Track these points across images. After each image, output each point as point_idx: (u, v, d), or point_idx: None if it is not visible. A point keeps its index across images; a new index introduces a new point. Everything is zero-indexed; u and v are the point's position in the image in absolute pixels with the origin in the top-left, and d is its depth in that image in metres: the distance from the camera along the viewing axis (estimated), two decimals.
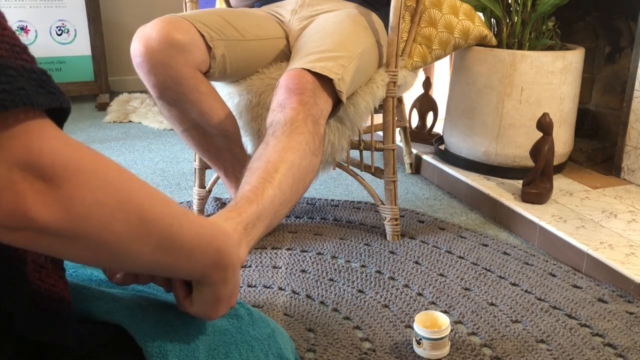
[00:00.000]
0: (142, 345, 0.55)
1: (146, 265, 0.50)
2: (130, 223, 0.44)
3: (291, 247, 1.49)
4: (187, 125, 1.33)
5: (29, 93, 0.39)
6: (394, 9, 1.39)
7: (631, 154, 1.78)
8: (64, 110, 0.44)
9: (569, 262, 1.42)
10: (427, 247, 1.49)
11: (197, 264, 0.54)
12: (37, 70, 0.41)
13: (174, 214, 0.49)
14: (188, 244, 0.51)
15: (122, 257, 0.46)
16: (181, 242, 0.50)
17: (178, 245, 0.50)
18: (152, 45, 1.18)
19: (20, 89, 0.38)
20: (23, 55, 0.41)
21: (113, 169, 0.44)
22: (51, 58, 3.06)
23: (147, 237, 0.46)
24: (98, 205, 0.41)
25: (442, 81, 2.68)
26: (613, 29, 2.08)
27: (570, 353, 1.08)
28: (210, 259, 0.54)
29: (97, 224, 0.42)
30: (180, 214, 0.50)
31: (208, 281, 0.56)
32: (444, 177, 1.93)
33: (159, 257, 0.49)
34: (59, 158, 0.39)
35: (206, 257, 0.54)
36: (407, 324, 1.17)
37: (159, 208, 0.47)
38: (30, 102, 0.39)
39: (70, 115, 0.46)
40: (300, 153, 1.00)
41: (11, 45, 0.40)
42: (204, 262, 0.54)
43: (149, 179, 2.02)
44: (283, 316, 1.19)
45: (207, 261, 0.54)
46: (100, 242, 0.43)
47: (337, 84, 1.16)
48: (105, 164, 0.43)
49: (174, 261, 0.51)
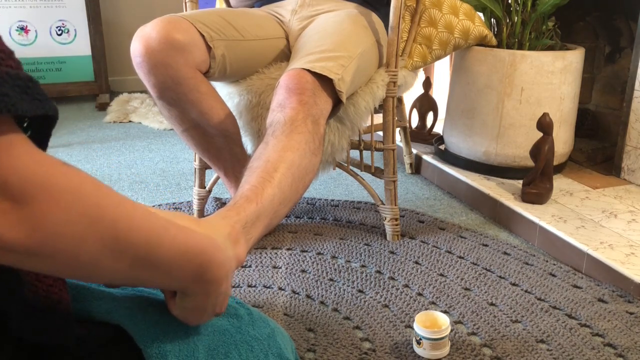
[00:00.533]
0: (141, 345, 0.55)
1: (122, 280, 0.50)
2: (103, 241, 0.43)
3: (291, 247, 1.49)
4: (187, 125, 1.33)
5: (13, 100, 0.38)
6: (394, 9, 1.39)
7: (631, 154, 1.78)
8: (51, 117, 0.43)
9: (569, 262, 1.42)
10: (427, 247, 1.49)
11: (176, 279, 0.53)
12: (23, 76, 0.41)
13: (152, 231, 0.47)
14: (166, 261, 0.49)
15: (97, 273, 0.46)
16: (159, 259, 0.48)
17: (155, 262, 0.48)
18: (152, 45, 1.18)
19: (4, 95, 0.38)
20: (8, 61, 0.40)
21: (88, 186, 0.42)
22: (51, 58, 3.06)
23: (122, 255, 0.45)
24: (69, 224, 0.40)
25: (442, 81, 2.68)
26: (613, 29, 2.08)
27: (570, 353, 1.08)
28: (191, 274, 0.53)
29: (69, 242, 0.41)
30: (160, 230, 0.48)
31: (189, 292, 0.56)
32: (444, 177, 1.93)
33: (136, 273, 0.48)
34: (29, 176, 0.38)
35: (186, 273, 0.52)
36: (407, 324, 1.17)
37: (137, 224, 0.46)
38: (15, 108, 0.38)
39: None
40: (300, 152, 1.00)
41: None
42: (183, 277, 0.53)
43: (149, 179, 2.02)
44: (283, 316, 1.19)
45: (188, 276, 0.53)
46: (72, 259, 0.42)
47: (337, 84, 1.16)
48: (80, 181, 0.42)
49: (152, 277, 0.50)
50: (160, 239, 0.48)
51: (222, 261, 0.56)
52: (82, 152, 2.31)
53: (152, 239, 0.47)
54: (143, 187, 1.93)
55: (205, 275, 0.54)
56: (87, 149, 2.36)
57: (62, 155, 2.26)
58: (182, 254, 0.51)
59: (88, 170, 2.10)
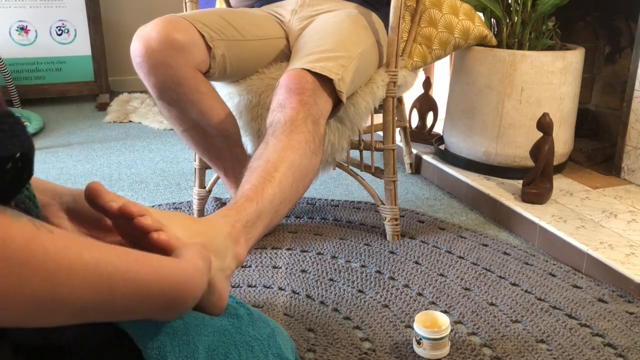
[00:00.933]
0: (141, 346, 0.55)
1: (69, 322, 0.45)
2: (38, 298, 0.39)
3: (291, 247, 1.49)
4: (187, 125, 1.33)
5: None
6: (394, 9, 1.39)
7: (631, 154, 1.78)
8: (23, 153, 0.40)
9: (569, 262, 1.42)
10: (427, 247, 1.49)
11: (137, 315, 0.49)
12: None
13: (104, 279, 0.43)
14: (123, 305, 0.46)
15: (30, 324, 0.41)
16: (112, 307, 0.45)
17: (108, 310, 0.45)
18: (152, 45, 1.18)
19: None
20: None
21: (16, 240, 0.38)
22: (51, 58, 3.06)
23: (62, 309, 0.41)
24: None
25: (442, 81, 2.68)
26: (613, 29, 2.08)
27: (570, 353, 1.08)
28: (155, 308, 0.49)
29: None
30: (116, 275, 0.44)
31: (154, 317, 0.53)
32: (444, 177, 1.93)
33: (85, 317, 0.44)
34: None
35: (149, 308, 0.49)
36: (407, 324, 1.17)
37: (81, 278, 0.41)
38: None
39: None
40: (300, 152, 1.00)
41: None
42: (146, 312, 0.49)
43: (149, 179, 2.02)
44: (283, 316, 1.19)
45: (150, 310, 0.49)
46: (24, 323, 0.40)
47: (337, 84, 1.16)
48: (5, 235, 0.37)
49: (105, 317, 0.47)
50: (113, 285, 0.43)
51: (193, 289, 0.53)
52: (82, 152, 2.31)
53: (103, 289, 0.43)
54: (143, 187, 1.93)
55: (173, 306, 0.51)
56: (87, 149, 2.36)
57: (62, 155, 2.26)
58: (144, 294, 0.47)
59: (88, 170, 2.11)
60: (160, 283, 0.48)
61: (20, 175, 0.42)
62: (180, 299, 0.51)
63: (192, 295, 0.53)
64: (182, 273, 0.51)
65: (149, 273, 0.47)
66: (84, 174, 2.06)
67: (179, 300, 0.51)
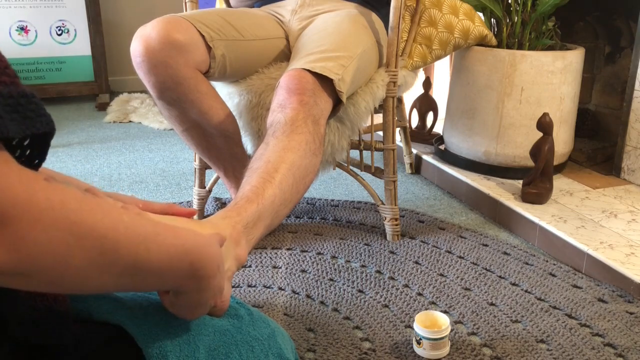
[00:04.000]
0: (142, 345, 0.55)
1: (112, 288, 0.50)
2: (90, 257, 0.43)
3: (291, 247, 1.49)
4: (187, 125, 1.33)
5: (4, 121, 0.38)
6: (394, 9, 1.39)
7: (631, 154, 1.78)
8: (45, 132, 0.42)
9: (569, 262, 1.42)
10: (427, 247, 1.49)
11: (168, 280, 0.53)
12: (15, 93, 0.40)
13: (140, 239, 0.47)
14: (157, 265, 0.49)
15: (85, 286, 0.45)
16: (148, 265, 0.48)
17: (145, 269, 0.48)
18: (152, 45, 1.18)
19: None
20: (2, 77, 0.40)
21: (71, 203, 0.41)
22: (51, 58, 3.06)
23: (110, 267, 0.45)
24: (52, 243, 0.40)
25: (442, 81, 2.68)
26: (613, 29, 2.08)
27: (570, 353, 1.08)
28: (183, 274, 0.53)
29: (53, 261, 0.40)
30: (150, 236, 0.48)
31: (182, 290, 0.56)
32: (444, 177, 1.93)
33: (126, 281, 0.48)
34: (8, 196, 0.38)
35: (178, 273, 0.52)
36: (407, 324, 1.17)
37: (123, 236, 0.45)
38: (0, 131, 0.38)
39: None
40: (300, 153, 1.00)
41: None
42: (175, 278, 0.53)
43: (149, 179, 2.02)
44: (283, 316, 1.19)
45: (180, 276, 0.53)
46: (58, 277, 0.42)
47: (337, 84, 1.16)
48: (62, 198, 0.41)
49: (143, 282, 0.50)
50: (148, 246, 0.47)
51: (213, 255, 0.56)
52: (82, 152, 2.31)
53: (140, 248, 0.47)
54: (143, 187, 1.93)
55: (197, 272, 0.54)
56: (87, 149, 2.36)
57: (62, 155, 2.26)
58: (172, 256, 0.50)
59: (88, 170, 2.11)
60: (183, 245, 0.52)
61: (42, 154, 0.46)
62: (200, 263, 0.54)
63: (209, 260, 0.55)
64: (200, 238, 0.55)
65: (173, 236, 0.51)
66: (84, 173, 2.06)
67: (200, 265, 0.54)
